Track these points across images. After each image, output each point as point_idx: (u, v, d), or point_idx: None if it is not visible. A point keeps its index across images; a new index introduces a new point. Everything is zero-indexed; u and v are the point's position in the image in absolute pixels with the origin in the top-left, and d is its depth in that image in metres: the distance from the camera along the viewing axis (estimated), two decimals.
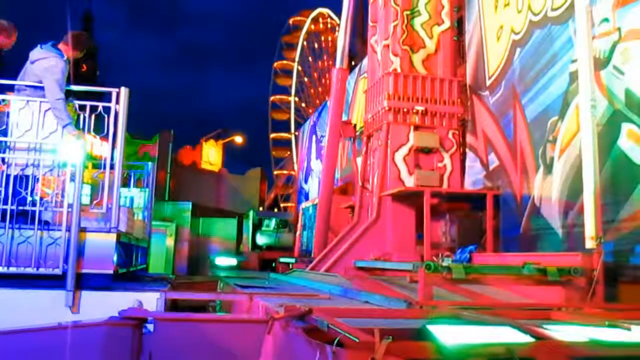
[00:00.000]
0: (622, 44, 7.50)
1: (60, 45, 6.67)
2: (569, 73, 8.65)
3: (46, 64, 6.41)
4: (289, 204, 42.95)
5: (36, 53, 6.56)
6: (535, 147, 9.51)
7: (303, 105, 49.09)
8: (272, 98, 49.88)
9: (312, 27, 49.67)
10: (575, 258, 6.50)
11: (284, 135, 49.20)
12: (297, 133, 40.89)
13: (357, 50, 31.65)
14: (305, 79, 49.63)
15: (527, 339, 3.48)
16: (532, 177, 9.56)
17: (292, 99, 49.13)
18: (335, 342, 3.22)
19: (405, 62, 11.57)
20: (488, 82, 11.26)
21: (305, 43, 49.69)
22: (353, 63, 24.70)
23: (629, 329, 3.99)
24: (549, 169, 9.10)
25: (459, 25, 12.58)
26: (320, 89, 47.41)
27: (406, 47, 11.65)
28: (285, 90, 49.58)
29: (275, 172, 49.24)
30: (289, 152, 48.00)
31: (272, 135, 49.49)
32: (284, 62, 50.12)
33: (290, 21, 50.73)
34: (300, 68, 49.57)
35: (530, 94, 9.74)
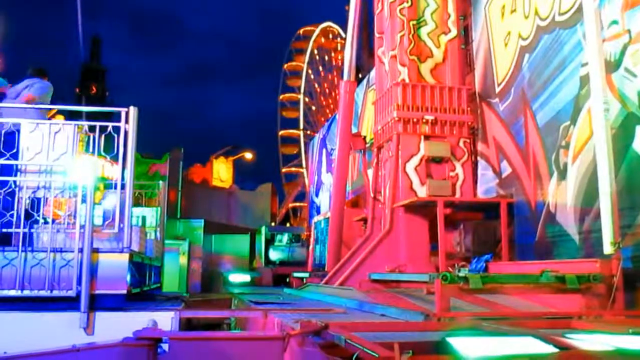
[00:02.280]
0: (632, 46, 7.42)
1: None
2: (580, 77, 8.57)
3: None
4: (301, 219, 42.95)
5: None
6: (548, 153, 9.42)
7: (313, 108, 49.27)
8: (281, 97, 50.15)
9: (322, 40, 50.02)
10: (594, 264, 6.39)
11: (293, 132, 49.27)
12: (307, 132, 41.05)
13: (364, 62, 31.72)
14: (313, 107, 49.88)
15: (550, 349, 3.39)
16: (545, 183, 9.45)
17: (301, 97, 49.33)
18: (354, 357, 3.16)
19: (413, 72, 11.53)
20: (497, 89, 11.19)
21: (309, 70, 50.00)
22: (360, 75, 24.73)
23: None
24: (562, 174, 9.00)
25: (465, 33, 12.53)
26: (327, 110, 47.58)
27: (413, 57, 11.62)
28: (293, 123, 49.89)
29: (284, 170, 49.28)
30: (297, 149, 48.13)
31: (281, 133, 49.65)
32: (294, 63, 50.44)
33: (301, 31, 51.17)
34: (307, 99, 49.82)
35: (541, 100, 9.66)
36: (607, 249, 6.40)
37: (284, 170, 49.57)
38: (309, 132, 47.62)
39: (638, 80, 7.31)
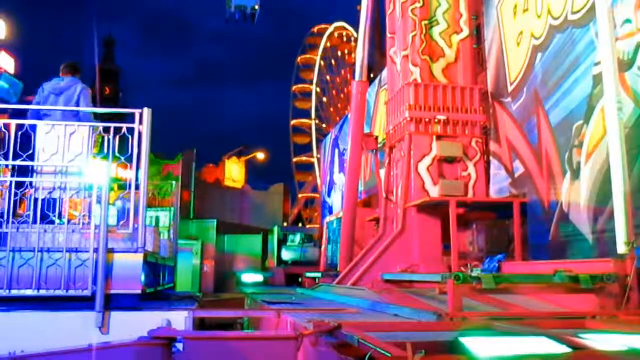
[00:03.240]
0: None
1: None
2: (593, 76, 8.52)
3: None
4: (313, 226, 42.97)
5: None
6: (561, 152, 9.37)
7: (324, 125, 49.22)
8: (292, 122, 50.12)
9: (328, 44, 49.98)
10: (608, 264, 6.35)
11: (305, 121, 49.22)
12: (319, 156, 41.11)
13: (376, 62, 31.70)
14: (325, 99, 49.86)
15: (563, 349, 3.39)
16: (559, 183, 9.41)
17: (313, 122, 49.28)
18: (367, 357, 3.18)
19: (425, 72, 11.52)
20: (510, 89, 11.15)
21: (322, 62, 49.97)
22: (372, 75, 24.72)
23: None
24: (576, 174, 8.96)
25: (477, 33, 12.50)
26: (339, 105, 47.54)
27: (426, 57, 11.60)
28: (305, 114, 49.81)
29: (300, 196, 49.32)
30: (311, 177, 48.08)
31: (295, 160, 49.64)
32: (303, 85, 50.37)
33: (315, 29, 51.11)
34: (319, 90, 49.77)
35: (554, 99, 9.62)
36: (621, 248, 6.37)
37: (295, 160, 49.47)
38: (321, 124, 47.60)
39: None
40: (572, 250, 8.90)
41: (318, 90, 49.27)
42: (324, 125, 48.97)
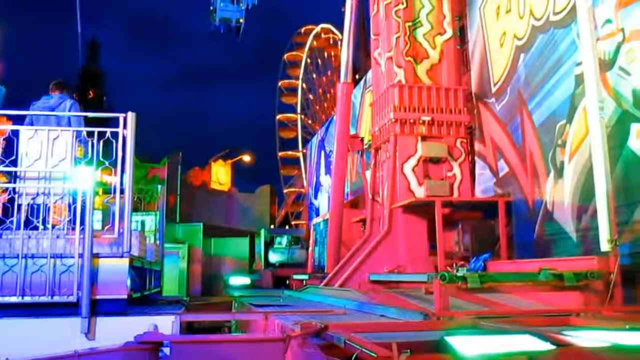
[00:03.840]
0: (626, 45, 7.48)
1: None
2: (575, 76, 8.62)
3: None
4: (300, 222, 42.97)
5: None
6: (545, 151, 9.46)
7: (310, 122, 49.31)
8: (278, 117, 50.20)
9: (315, 43, 50.07)
10: (592, 262, 6.43)
11: (292, 153, 49.41)
12: (304, 150, 41.14)
13: (361, 63, 31.75)
14: (310, 96, 49.96)
15: (548, 346, 3.43)
16: (543, 182, 9.50)
17: (299, 117, 49.40)
18: (353, 357, 3.19)
19: (410, 73, 11.58)
20: (494, 89, 11.24)
21: (308, 60, 50.09)
22: (357, 76, 24.76)
23: None
24: (559, 173, 9.04)
25: (461, 34, 12.58)
26: (325, 104, 47.63)
27: (410, 58, 11.66)
28: (291, 108, 49.89)
29: (286, 191, 49.34)
30: (297, 171, 48.20)
31: (280, 154, 49.71)
32: (289, 81, 50.54)
33: (302, 29, 51.17)
34: (305, 85, 49.91)
35: (537, 99, 9.71)
36: (604, 246, 6.44)
37: (280, 154, 49.48)
38: (307, 119, 47.68)
39: (632, 79, 7.36)
40: (556, 248, 8.99)
41: (304, 86, 49.38)
42: (310, 122, 49.14)
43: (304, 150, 41.01)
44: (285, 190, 49.31)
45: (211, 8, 20.61)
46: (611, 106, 7.60)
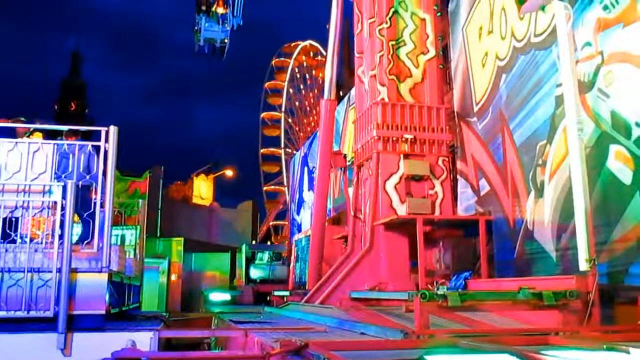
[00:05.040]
0: (605, 67, 7.61)
1: None
2: (555, 97, 8.74)
3: None
4: (282, 237, 42.91)
5: None
6: (526, 171, 9.56)
7: (293, 125, 49.57)
8: (262, 115, 50.43)
9: (303, 57, 50.45)
10: (570, 281, 6.49)
11: (274, 150, 49.53)
12: (287, 150, 41.36)
13: (345, 80, 31.96)
14: (297, 103, 50.28)
15: None
16: (523, 201, 9.58)
17: (282, 115, 49.71)
18: None
19: (393, 91, 11.67)
20: (475, 108, 11.36)
21: (296, 70, 50.48)
22: (341, 93, 24.90)
23: (627, 352, 3.96)
24: (540, 192, 9.13)
25: (444, 54, 12.73)
26: (308, 128, 47.85)
27: (393, 77, 11.76)
28: (275, 141, 50.20)
29: (265, 188, 49.34)
30: (278, 167, 48.38)
31: (262, 151, 49.86)
32: (275, 82, 50.88)
33: (282, 49, 51.58)
34: (290, 90, 50.25)
35: (518, 119, 9.82)
36: (583, 265, 6.50)
37: (265, 188, 49.64)
38: (290, 150, 47.85)
39: (611, 101, 7.48)
40: (536, 267, 9.05)
41: (288, 118, 49.83)
42: (294, 126, 49.56)
43: (288, 150, 41.29)
44: (265, 188, 49.27)
45: (196, 28, 20.61)
46: (590, 127, 7.71)
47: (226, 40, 20.50)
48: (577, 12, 7.95)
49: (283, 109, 50.01)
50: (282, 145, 49.29)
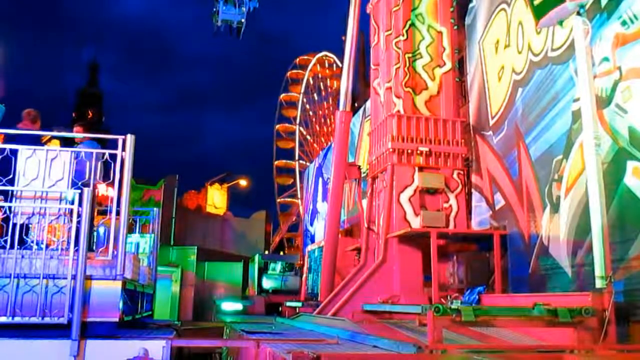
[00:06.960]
0: (623, 83, 7.56)
1: None
2: (572, 112, 8.69)
3: None
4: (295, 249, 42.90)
5: None
6: (541, 186, 9.49)
7: (308, 137, 49.65)
8: (277, 127, 50.59)
9: (318, 67, 50.64)
10: (586, 298, 6.41)
11: (288, 162, 49.65)
12: (301, 162, 41.40)
13: (360, 91, 32.01)
14: (310, 113, 50.41)
15: None
16: (539, 216, 9.51)
17: (297, 127, 49.79)
18: None
19: (408, 103, 11.67)
20: (491, 122, 11.32)
21: (311, 80, 50.65)
22: (356, 105, 24.94)
23: None
24: (555, 207, 9.06)
25: (460, 67, 12.71)
26: (323, 138, 47.94)
27: (408, 89, 11.76)
28: (289, 153, 50.35)
29: (279, 200, 49.38)
30: (292, 180, 48.43)
31: (276, 163, 49.97)
32: (290, 94, 51.07)
33: (297, 60, 51.79)
34: (305, 100, 50.42)
35: (534, 133, 9.78)
36: (599, 282, 6.43)
37: (279, 200, 49.71)
38: (304, 162, 48.00)
39: (629, 116, 7.42)
40: (551, 283, 8.97)
41: (302, 130, 49.94)
42: (308, 137, 49.69)
43: (301, 162, 41.33)
44: (278, 200, 49.32)
45: (214, 10, 21.32)
46: (607, 143, 7.66)
47: (243, 21, 21.03)
48: (595, 27, 7.91)
49: (298, 121, 50.13)
50: (297, 158, 49.38)
